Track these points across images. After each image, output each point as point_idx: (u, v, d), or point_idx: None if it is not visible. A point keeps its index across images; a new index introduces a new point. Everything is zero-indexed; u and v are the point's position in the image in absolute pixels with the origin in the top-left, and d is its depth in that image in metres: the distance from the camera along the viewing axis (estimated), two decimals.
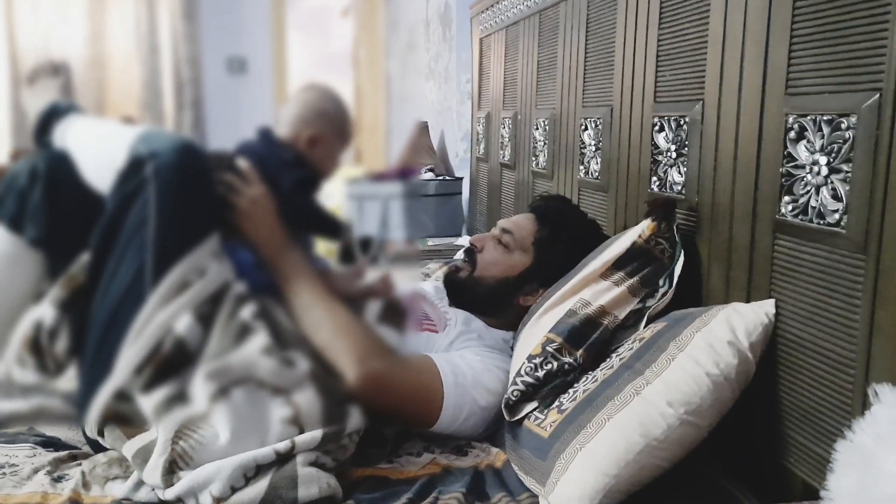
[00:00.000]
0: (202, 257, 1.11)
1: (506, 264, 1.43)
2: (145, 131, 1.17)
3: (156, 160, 1.09)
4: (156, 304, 1.06)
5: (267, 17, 3.78)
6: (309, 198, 1.28)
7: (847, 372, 0.91)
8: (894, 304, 0.83)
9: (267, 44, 3.83)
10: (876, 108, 0.85)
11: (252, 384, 1.05)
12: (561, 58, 1.91)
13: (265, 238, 1.20)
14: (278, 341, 1.09)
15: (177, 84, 3.85)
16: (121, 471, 1.08)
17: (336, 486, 1.02)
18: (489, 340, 1.35)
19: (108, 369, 1.05)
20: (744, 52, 1.10)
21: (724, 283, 1.16)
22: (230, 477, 0.99)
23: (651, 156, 1.39)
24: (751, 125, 1.08)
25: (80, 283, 1.13)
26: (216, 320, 1.09)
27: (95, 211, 1.12)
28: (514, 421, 1.15)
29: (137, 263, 1.07)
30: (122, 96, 3.80)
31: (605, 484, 0.93)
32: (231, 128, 3.45)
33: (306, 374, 1.08)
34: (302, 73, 3.65)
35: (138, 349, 1.05)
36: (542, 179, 2.06)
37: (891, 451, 0.61)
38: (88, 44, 3.67)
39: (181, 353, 1.06)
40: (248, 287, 1.14)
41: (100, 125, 1.33)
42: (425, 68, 3.98)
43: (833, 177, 0.92)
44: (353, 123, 1.35)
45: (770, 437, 1.05)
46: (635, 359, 1.06)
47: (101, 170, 1.15)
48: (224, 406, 1.03)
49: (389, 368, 1.15)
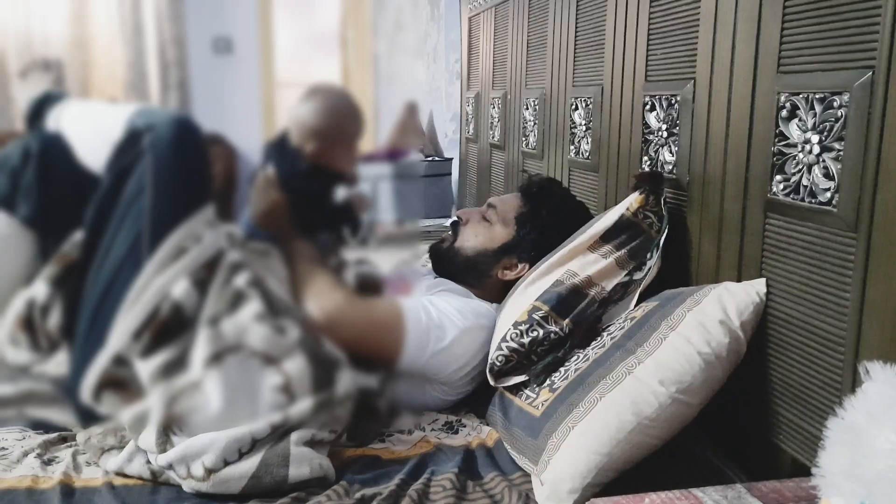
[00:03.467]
0: (198, 225, 1.12)
1: (485, 236, 1.44)
2: (141, 107, 1.19)
3: (153, 132, 1.11)
4: (153, 270, 1.07)
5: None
6: (321, 206, 1.35)
7: (837, 350, 0.91)
8: (885, 282, 0.83)
9: (253, 24, 3.78)
10: (868, 86, 0.85)
11: (244, 352, 1.06)
12: (551, 37, 1.89)
13: (275, 231, 1.28)
14: (270, 308, 1.11)
15: (162, 65, 3.80)
16: (116, 441, 1.08)
17: (328, 466, 1.02)
18: (462, 293, 1.38)
19: (103, 341, 1.06)
20: (735, 30, 1.09)
21: (715, 261, 1.16)
22: (224, 449, 0.99)
23: (642, 135, 1.39)
24: (742, 104, 1.08)
25: (72, 259, 1.14)
26: (211, 286, 1.10)
27: (89, 191, 1.13)
28: (505, 399, 1.16)
29: (134, 233, 1.08)
30: (106, 77, 3.75)
31: (598, 462, 0.94)
32: (217, 108, 3.41)
33: (296, 341, 1.09)
34: (289, 53, 3.61)
35: (136, 314, 1.06)
36: (533, 160, 2.05)
37: (882, 427, 0.61)
38: (71, 24, 3.61)
39: (178, 318, 1.07)
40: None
41: (96, 106, 1.35)
42: (413, 48, 3.94)
43: (825, 155, 0.92)
44: (357, 120, 1.36)
45: (760, 415, 1.06)
46: (627, 338, 1.06)
47: (96, 146, 1.17)
48: (217, 373, 1.04)
49: (340, 304, 1.19)
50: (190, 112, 3.98)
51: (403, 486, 1.00)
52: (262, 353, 1.06)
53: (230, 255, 1.13)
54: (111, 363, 1.05)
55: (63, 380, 1.12)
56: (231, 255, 1.13)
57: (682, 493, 0.83)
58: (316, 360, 1.09)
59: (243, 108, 3.19)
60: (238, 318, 1.08)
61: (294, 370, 1.06)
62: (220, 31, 3.89)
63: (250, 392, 1.04)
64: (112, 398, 1.06)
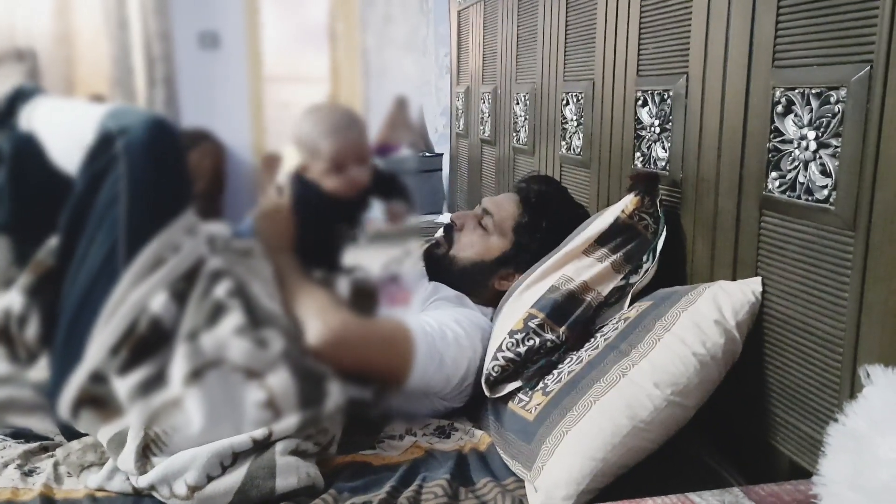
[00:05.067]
0: (176, 234, 1.07)
1: (482, 246, 1.40)
2: (114, 107, 1.13)
3: (126, 136, 1.06)
4: (130, 283, 1.03)
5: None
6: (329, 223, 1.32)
7: (835, 350, 0.90)
8: (884, 282, 0.82)
9: (240, 18, 3.74)
10: (866, 80, 0.83)
11: (225, 367, 1.03)
12: (541, 30, 1.87)
13: (272, 239, 1.23)
14: (252, 319, 1.07)
15: (148, 60, 3.75)
16: (96, 457, 1.06)
17: (316, 475, 1.00)
18: (458, 302, 1.34)
19: (81, 354, 1.02)
20: (729, 23, 1.07)
21: (710, 260, 1.14)
22: (206, 465, 0.96)
23: (634, 131, 1.37)
24: (736, 99, 1.06)
25: (48, 267, 1.10)
26: (190, 298, 1.06)
27: (63, 194, 1.08)
28: (497, 403, 1.14)
29: (109, 243, 1.04)
30: (91, 73, 3.69)
31: (593, 468, 0.92)
32: (205, 104, 3.37)
33: (280, 354, 1.05)
34: (277, 47, 3.57)
35: (113, 329, 1.02)
36: (524, 155, 2.03)
37: (885, 435, 0.59)
38: (54, 18, 3.56)
39: (157, 333, 1.03)
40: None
41: (67, 104, 1.29)
42: (403, 42, 3.91)
43: (822, 152, 0.90)
44: (359, 127, 1.30)
45: (757, 417, 1.04)
46: (621, 339, 1.04)
47: (70, 149, 1.11)
48: (197, 390, 1.00)
49: (347, 324, 1.14)
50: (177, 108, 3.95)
51: (394, 494, 0.97)
52: (243, 367, 1.03)
53: (210, 262, 1.09)
54: (88, 380, 1.01)
55: (44, 386, 1.09)
56: (211, 262, 1.09)
57: (678, 497, 0.81)
58: (301, 373, 1.05)
59: (231, 103, 3.16)
60: (218, 332, 1.03)
61: (278, 385, 1.03)
62: (206, 26, 3.85)
63: (233, 409, 1.01)
64: (90, 416, 1.03)
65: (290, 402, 1.02)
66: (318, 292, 1.18)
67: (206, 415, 0.99)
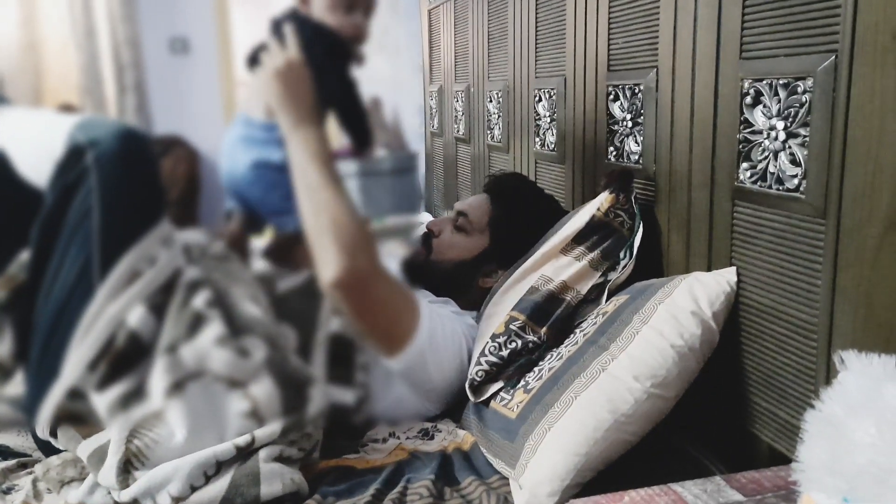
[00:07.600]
0: (151, 245, 1.06)
1: (462, 247, 1.41)
2: (83, 119, 1.11)
3: (96, 148, 1.04)
4: (105, 297, 1.01)
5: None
6: (343, 71, 1.21)
7: (810, 336, 0.91)
8: (855, 267, 0.83)
9: (210, 22, 3.70)
10: (832, 70, 0.84)
11: (207, 378, 1.01)
12: (512, 28, 1.87)
13: (292, 105, 1.13)
14: (232, 329, 1.06)
15: (117, 67, 3.70)
16: (76, 472, 1.04)
17: (301, 481, 0.99)
18: (444, 305, 1.34)
19: (58, 370, 1.01)
20: (696, 16, 1.08)
21: (685, 252, 1.15)
22: (189, 475, 0.95)
23: (607, 125, 1.37)
24: (706, 91, 1.07)
25: (20, 282, 1.08)
26: (168, 310, 1.05)
27: (34, 207, 1.06)
28: (479, 402, 1.14)
29: (83, 256, 1.02)
30: (59, 82, 3.64)
31: (576, 463, 0.92)
32: (176, 110, 3.34)
33: (263, 362, 1.04)
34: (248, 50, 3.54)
35: (90, 344, 1.00)
36: (499, 153, 2.03)
37: (861, 420, 0.60)
38: (20, 28, 3.50)
39: (135, 347, 1.02)
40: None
41: (34, 115, 1.27)
42: (374, 42, 3.89)
43: (790, 141, 0.91)
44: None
45: (736, 405, 1.05)
46: (599, 334, 1.05)
47: (39, 162, 1.09)
48: (179, 402, 0.99)
49: (375, 268, 1.10)
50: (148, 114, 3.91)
51: (379, 496, 0.97)
52: (226, 378, 1.02)
53: (187, 273, 1.08)
54: (66, 397, 1.00)
55: (21, 401, 1.07)
56: (188, 273, 1.08)
57: (661, 488, 0.81)
58: (284, 380, 1.04)
59: (203, 108, 3.13)
60: (198, 344, 1.02)
61: (261, 394, 1.02)
62: (175, 31, 3.81)
63: (216, 420, 1.00)
64: (68, 433, 1.02)
65: (275, 410, 1.02)
66: (350, 216, 1.09)
67: (188, 427, 0.98)
